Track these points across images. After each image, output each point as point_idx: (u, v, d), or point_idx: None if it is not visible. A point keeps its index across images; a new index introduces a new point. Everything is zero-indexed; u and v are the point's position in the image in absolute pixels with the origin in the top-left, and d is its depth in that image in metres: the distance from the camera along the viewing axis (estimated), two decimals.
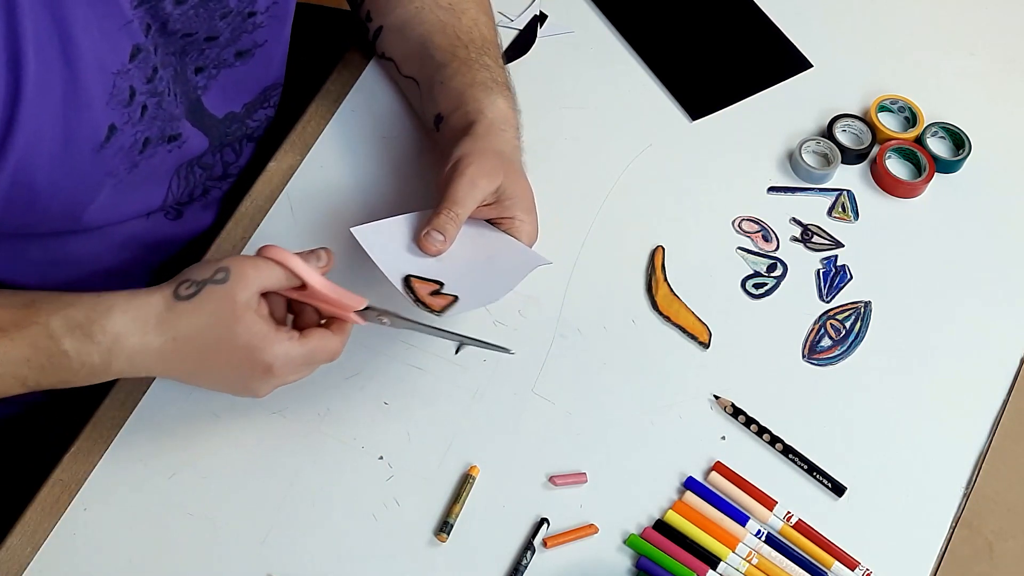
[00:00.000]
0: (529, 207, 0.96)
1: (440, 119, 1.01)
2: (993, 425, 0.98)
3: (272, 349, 0.83)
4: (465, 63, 1.01)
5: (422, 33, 1.05)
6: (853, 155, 1.12)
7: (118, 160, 0.87)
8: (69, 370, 0.81)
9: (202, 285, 0.82)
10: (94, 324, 0.80)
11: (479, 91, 0.99)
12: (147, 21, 0.85)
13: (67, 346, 0.80)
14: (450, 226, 0.92)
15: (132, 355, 0.81)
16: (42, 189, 0.83)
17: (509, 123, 0.99)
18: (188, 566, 0.88)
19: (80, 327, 0.80)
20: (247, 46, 0.97)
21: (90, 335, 0.80)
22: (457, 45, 1.03)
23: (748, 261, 1.06)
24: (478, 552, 0.90)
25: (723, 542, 0.91)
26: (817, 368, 1.00)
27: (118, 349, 0.81)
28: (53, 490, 0.90)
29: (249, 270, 0.82)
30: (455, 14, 1.05)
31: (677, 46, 1.19)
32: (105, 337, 0.80)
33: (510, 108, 1.00)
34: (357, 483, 0.92)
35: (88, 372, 0.82)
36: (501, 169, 0.94)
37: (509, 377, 0.97)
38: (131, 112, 0.86)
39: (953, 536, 0.93)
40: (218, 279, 0.82)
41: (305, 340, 0.85)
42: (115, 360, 0.81)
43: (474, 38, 1.04)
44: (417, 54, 1.05)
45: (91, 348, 0.80)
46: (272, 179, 1.06)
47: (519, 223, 0.95)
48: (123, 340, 0.81)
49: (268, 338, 0.83)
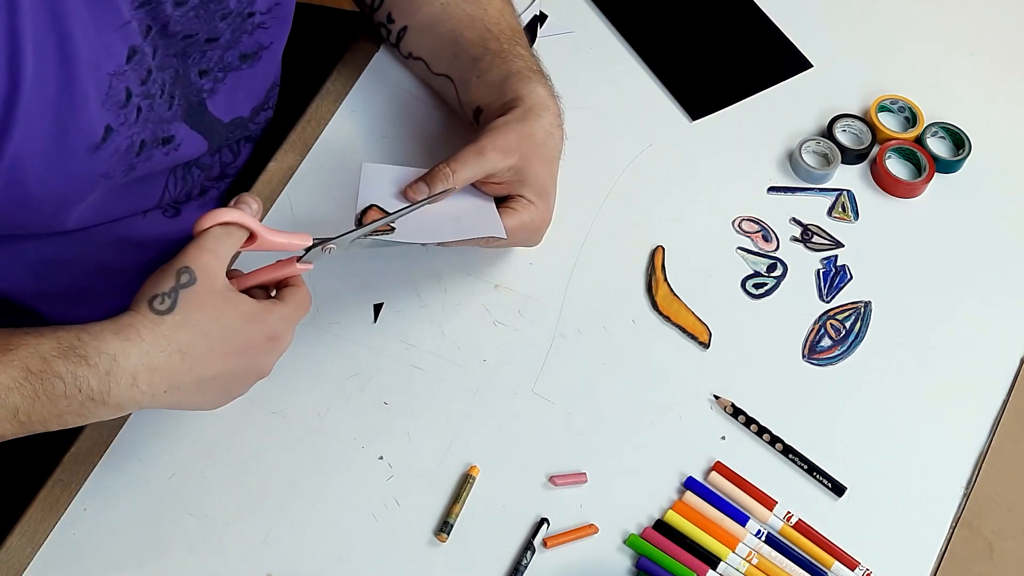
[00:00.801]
0: (542, 191, 0.96)
1: (479, 112, 1.01)
2: (993, 425, 0.98)
3: (270, 316, 0.82)
4: (499, 55, 1.01)
5: (451, 29, 1.04)
6: (853, 155, 1.12)
7: (114, 162, 0.87)
8: (64, 397, 0.75)
9: (174, 294, 0.78)
10: (88, 346, 0.75)
11: (517, 81, 0.99)
12: (147, 23, 0.85)
13: (61, 369, 0.74)
14: (439, 182, 0.91)
15: (136, 376, 0.76)
16: (35, 188, 0.83)
17: (548, 108, 0.98)
18: (188, 566, 0.88)
19: (73, 349, 0.75)
20: (251, 49, 0.97)
21: (85, 357, 0.75)
22: (488, 38, 1.02)
23: (748, 261, 1.06)
24: (478, 552, 0.90)
25: (723, 542, 0.91)
26: (817, 368, 1.00)
27: (118, 371, 0.76)
28: (53, 490, 0.90)
29: (207, 257, 0.80)
30: (481, 6, 1.04)
31: (677, 46, 1.19)
32: (102, 359, 0.75)
33: (549, 95, 1.00)
34: (357, 483, 0.92)
35: (84, 400, 0.75)
36: (519, 150, 0.93)
37: (509, 377, 0.97)
38: (127, 114, 0.86)
39: (953, 536, 0.93)
40: (185, 282, 0.79)
41: (283, 300, 0.84)
42: (114, 384, 0.76)
43: (503, 29, 1.03)
44: (448, 51, 1.05)
45: (87, 371, 0.75)
46: (272, 179, 1.06)
47: (524, 203, 0.95)
48: (122, 361, 0.76)
49: (262, 308, 0.82)
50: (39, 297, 0.99)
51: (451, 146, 0.97)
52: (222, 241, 0.81)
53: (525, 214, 0.95)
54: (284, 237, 0.85)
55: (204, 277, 0.79)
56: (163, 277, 0.79)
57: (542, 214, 0.96)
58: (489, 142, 0.93)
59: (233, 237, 0.82)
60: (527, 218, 0.95)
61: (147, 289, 0.80)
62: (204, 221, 0.82)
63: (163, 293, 0.79)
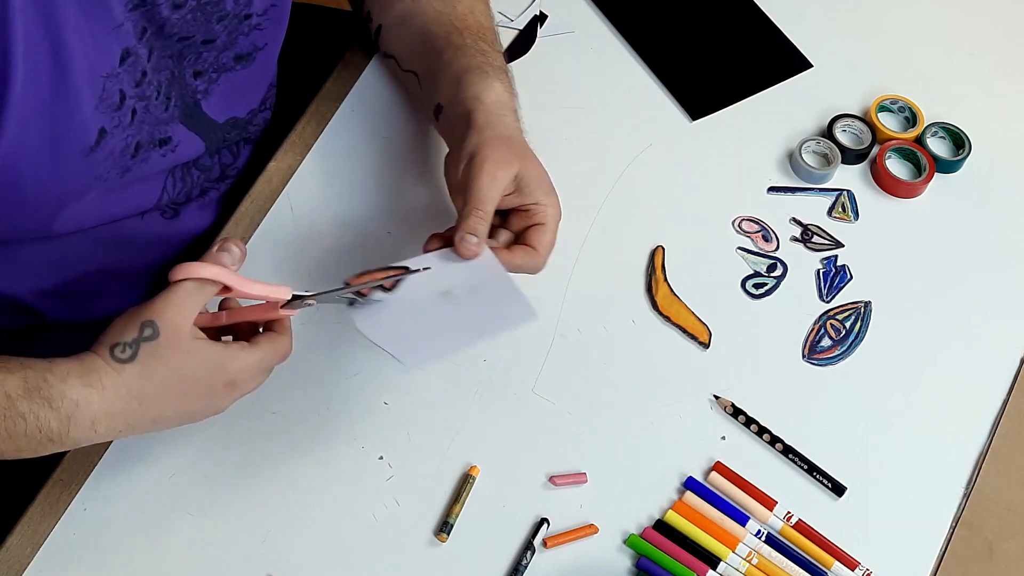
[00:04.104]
0: (548, 188, 0.95)
1: (440, 109, 1.01)
2: (993, 425, 0.98)
3: (231, 366, 0.82)
4: (460, 49, 1.00)
5: (420, 25, 1.04)
6: (853, 155, 1.12)
7: (109, 164, 0.87)
8: (24, 436, 0.77)
9: (136, 346, 0.79)
10: (52, 389, 0.77)
11: (475, 76, 0.98)
12: (143, 24, 0.85)
13: (24, 408, 0.76)
14: (480, 226, 0.90)
15: (95, 421, 0.78)
16: (29, 191, 0.83)
17: (507, 107, 0.97)
18: (188, 566, 0.88)
19: (38, 390, 0.77)
20: (246, 50, 0.97)
21: (48, 399, 0.77)
22: (452, 32, 1.02)
23: (748, 261, 1.06)
24: (478, 552, 0.90)
25: (723, 542, 0.91)
26: (817, 368, 1.00)
27: (79, 416, 0.78)
28: (53, 490, 0.90)
29: (172, 312, 0.80)
30: (450, 3, 1.04)
31: (677, 46, 1.19)
32: (64, 404, 0.77)
33: (507, 92, 0.99)
34: (357, 483, 0.92)
35: (43, 439, 0.78)
36: (514, 156, 0.93)
37: (509, 377, 0.97)
38: (121, 116, 0.85)
39: (953, 536, 0.93)
40: (147, 336, 0.79)
41: (255, 346, 0.84)
42: (73, 428, 0.78)
43: (469, 24, 1.03)
44: (417, 48, 1.05)
45: (49, 414, 0.77)
46: (272, 179, 1.06)
47: (543, 207, 0.94)
48: (84, 408, 0.78)
49: (224, 357, 0.82)
50: (39, 297, 0.99)
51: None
52: (193, 296, 0.81)
53: (551, 220, 0.94)
54: (262, 289, 0.84)
55: (167, 333, 0.79)
56: (128, 325, 0.80)
57: (557, 209, 0.95)
58: (492, 164, 0.91)
59: (205, 291, 0.82)
60: (553, 223, 0.94)
61: (112, 334, 0.80)
62: (178, 272, 0.81)
63: (125, 343, 0.79)
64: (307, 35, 1.11)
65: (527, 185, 0.93)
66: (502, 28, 1.18)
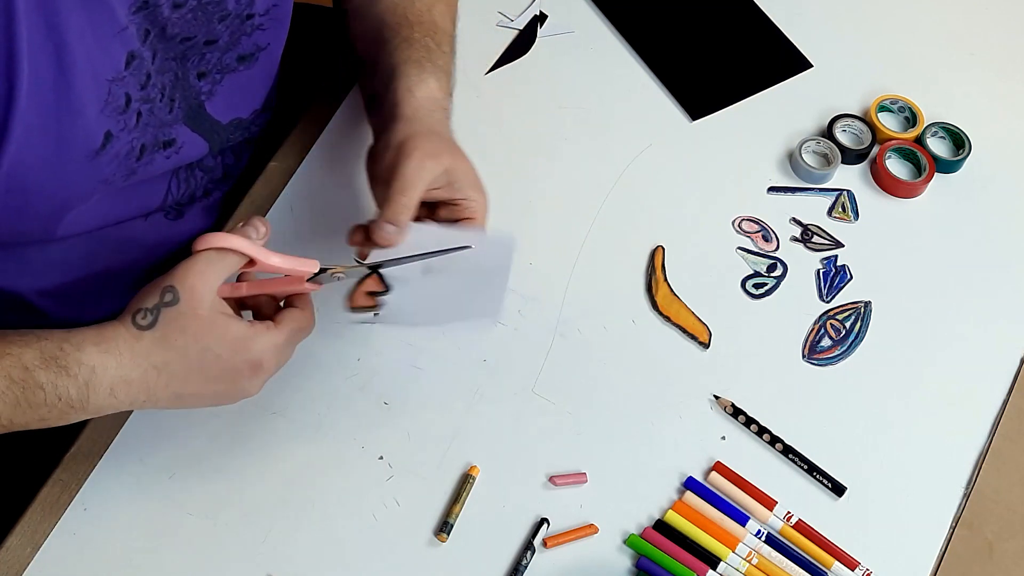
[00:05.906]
0: (477, 184, 0.94)
1: (373, 98, 1.00)
2: (993, 425, 0.98)
3: (255, 345, 0.82)
4: (407, 41, 1.00)
5: (376, 14, 1.03)
6: (853, 155, 1.12)
7: (114, 167, 0.87)
8: (44, 405, 0.78)
9: (156, 311, 0.80)
10: (69, 357, 0.78)
11: (412, 68, 0.97)
12: (145, 27, 0.85)
13: (42, 379, 0.77)
14: (403, 215, 0.88)
15: (114, 387, 0.79)
16: (34, 195, 0.83)
17: (438, 104, 0.96)
18: (188, 566, 0.88)
19: (55, 359, 0.78)
20: (249, 50, 0.97)
21: (65, 368, 0.78)
22: (403, 24, 1.01)
23: (748, 261, 1.06)
24: (478, 552, 0.90)
25: (723, 542, 0.91)
26: (817, 368, 1.00)
27: (96, 383, 0.78)
28: (53, 490, 0.90)
29: (193, 279, 0.80)
30: None
31: (677, 46, 1.19)
32: (81, 370, 0.78)
33: (441, 91, 0.98)
34: (357, 483, 0.92)
35: (64, 407, 0.79)
36: (445, 150, 0.92)
37: (509, 377, 0.97)
38: (127, 119, 0.85)
39: (953, 536, 0.93)
40: (168, 301, 0.80)
41: (280, 324, 0.83)
42: (93, 394, 0.79)
43: (423, 21, 1.02)
44: (370, 35, 1.04)
45: (67, 382, 0.78)
46: (272, 179, 1.06)
47: (472, 203, 0.93)
48: (101, 373, 0.78)
49: (248, 336, 0.81)
50: (43, 297, 0.99)
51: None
52: (213, 264, 0.81)
53: (481, 216, 0.93)
54: (289, 262, 0.84)
55: (188, 299, 0.80)
56: (150, 293, 0.81)
57: (485, 205, 0.94)
58: (421, 154, 0.89)
59: (226, 261, 0.82)
60: (482, 219, 0.93)
61: (135, 302, 0.81)
62: (202, 242, 0.82)
63: (146, 308, 0.80)
64: (307, 35, 1.11)
65: (457, 180, 0.92)
66: (502, 28, 1.18)
